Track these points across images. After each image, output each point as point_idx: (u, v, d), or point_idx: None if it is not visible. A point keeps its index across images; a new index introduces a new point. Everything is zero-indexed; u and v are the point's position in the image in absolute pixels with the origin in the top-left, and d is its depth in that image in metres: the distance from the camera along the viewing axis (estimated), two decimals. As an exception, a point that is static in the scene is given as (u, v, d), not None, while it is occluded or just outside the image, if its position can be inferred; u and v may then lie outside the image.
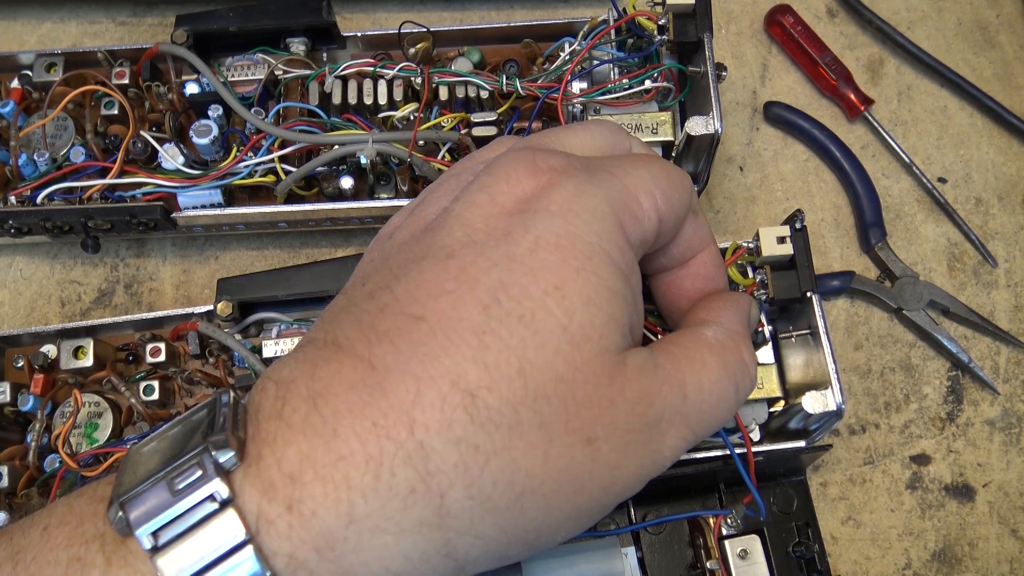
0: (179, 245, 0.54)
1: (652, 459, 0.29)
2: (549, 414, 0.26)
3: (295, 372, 0.27)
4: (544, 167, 0.29)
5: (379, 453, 0.24)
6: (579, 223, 0.28)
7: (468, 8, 0.59)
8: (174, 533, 0.24)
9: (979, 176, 0.55)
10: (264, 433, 0.25)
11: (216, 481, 0.24)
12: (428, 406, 0.25)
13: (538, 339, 0.26)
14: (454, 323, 0.26)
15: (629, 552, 0.44)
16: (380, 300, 0.28)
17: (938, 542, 0.49)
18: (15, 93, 0.50)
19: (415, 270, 0.28)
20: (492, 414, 0.25)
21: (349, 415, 0.25)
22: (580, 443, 0.26)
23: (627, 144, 0.34)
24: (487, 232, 0.28)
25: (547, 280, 0.27)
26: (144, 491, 0.24)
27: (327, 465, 0.24)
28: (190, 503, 0.24)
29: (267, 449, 0.25)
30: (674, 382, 0.29)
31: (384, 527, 0.25)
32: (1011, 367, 0.52)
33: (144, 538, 0.24)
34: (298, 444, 0.25)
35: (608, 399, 0.27)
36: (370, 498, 0.24)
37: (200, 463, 0.24)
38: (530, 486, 0.26)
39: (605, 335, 0.27)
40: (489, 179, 0.29)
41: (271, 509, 0.24)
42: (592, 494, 0.27)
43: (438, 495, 0.25)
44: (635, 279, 0.30)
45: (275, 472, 0.25)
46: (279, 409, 0.26)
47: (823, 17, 0.58)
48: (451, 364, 0.25)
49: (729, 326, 0.32)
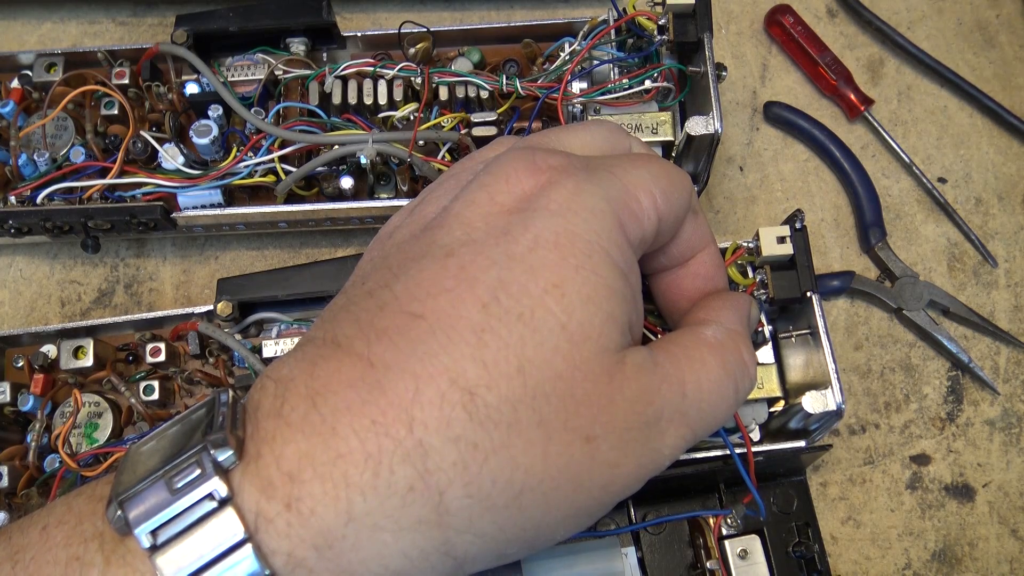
0: (179, 245, 0.54)
1: (651, 458, 0.29)
2: (548, 412, 0.26)
3: (294, 371, 0.27)
4: (544, 166, 0.29)
5: (378, 451, 0.25)
6: (578, 221, 0.28)
7: (468, 8, 0.59)
8: (173, 532, 0.24)
9: (979, 176, 0.55)
10: (263, 431, 0.26)
11: (215, 480, 0.24)
12: (427, 404, 0.25)
13: (537, 337, 0.26)
14: (453, 321, 0.26)
15: (629, 552, 0.44)
16: (379, 298, 0.28)
17: (938, 542, 0.49)
18: (15, 93, 0.50)
19: (414, 269, 0.28)
20: (491, 412, 0.25)
21: (348, 413, 0.25)
22: (579, 441, 0.26)
23: (627, 144, 0.34)
24: (486, 231, 0.28)
25: (546, 278, 0.27)
26: (143, 490, 0.24)
27: (326, 463, 0.24)
28: (189, 502, 0.24)
29: (266, 447, 0.25)
30: (673, 381, 0.29)
31: (383, 525, 0.25)
32: (1011, 367, 0.52)
33: (143, 537, 0.24)
34: (297, 442, 0.25)
35: (607, 397, 0.27)
36: (369, 496, 0.24)
37: (199, 462, 0.24)
38: (529, 484, 0.26)
39: (604, 333, 0.27)
40: (489, 178, 0.29)
41: (270, 507, 0.24)
42: (591, 492, 0.27)
43: (437, 493, 0.25)
44: (634, 278, 0.30)
45: (274, 470, 0.25)
46: (278, 407, 0.26)
47: (823, 17, 0.58)
48: (450, 362, 0.25)
49: (729, 325, 0.32)
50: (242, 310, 0.46)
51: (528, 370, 0.26)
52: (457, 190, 0.31)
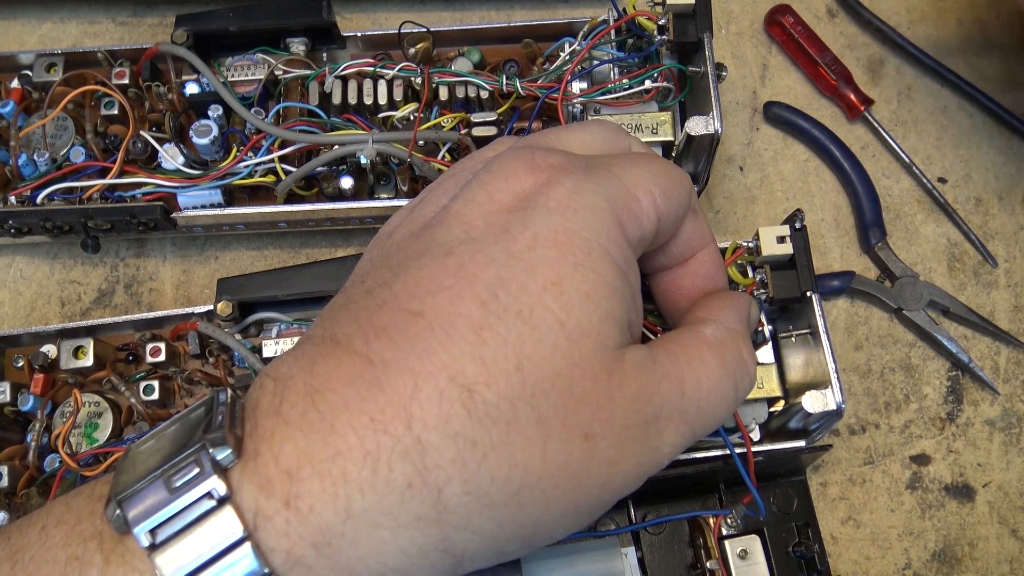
0: (179, 245, 0.54)
1: (650, 456, 0.29)
2: (547, 410, 0.26)
3: (293, 369, 0.27)
4: (543, 165, 0.29)
5: (376, 448, 0.25)
6: (577, 220, 0.28)
7: (468, 8, 0.59)
8: (172, 531, 0.24)
9: (979, 176, 0.55)
10: (261, 430, 0.26)
11: (213, 478, 0.24)
12: (425, 401, 0.25)
13: (536, 335, 0.26)
14: (452, 319, 0.26)
15: (629, 552, 0.44)
16: (379, 297, 0.28)
17: (938, 542, 0.49)
18: (15, 93, 0.50)
19: (414, 267, 0.28)
20: (489, 409, 0.25)
21: (347, 410, 0.25)
22: (578, 439, 0.26)
23: (626, 143, 0.34)
24: (485, 229, 0.28)
25: (545, 276, 0.27)
26: (141, 489, 0.24)
27: (324, 461, 0.24)
28: (187, 500, 0.24)
29: (264, 445, 0.25)
30: (673, 379, 0.29)
31: (381, 522, 0.25)
32: (1011, 367, 0.52)
33: (142, 536, 0.24)
34: (295, 440, 0.25)
35: (606, 395, 0.27)
36: (367, 493, 0.24)
37: (197, 460, 0.24)
38: (528, 482, 0.26)
39: (603, 331, 0.27)
40: (488, 177, 0.29)
41: (268, 505, 0.24)
42: (590, 490, 0.27)
43: (435, 490, 0.25)
44: (634, 276, 0.30)
45: (272, 468, 0.25)
46: (277, 405, 0.26)
47: (823, 17, 0.58)
48: (449, 359, 0.25)
49: (729, 324, 0.32)
50: (242, 310, 0.46)
51: (527, 367, 0.26)
52: (457, 189, 0.31)
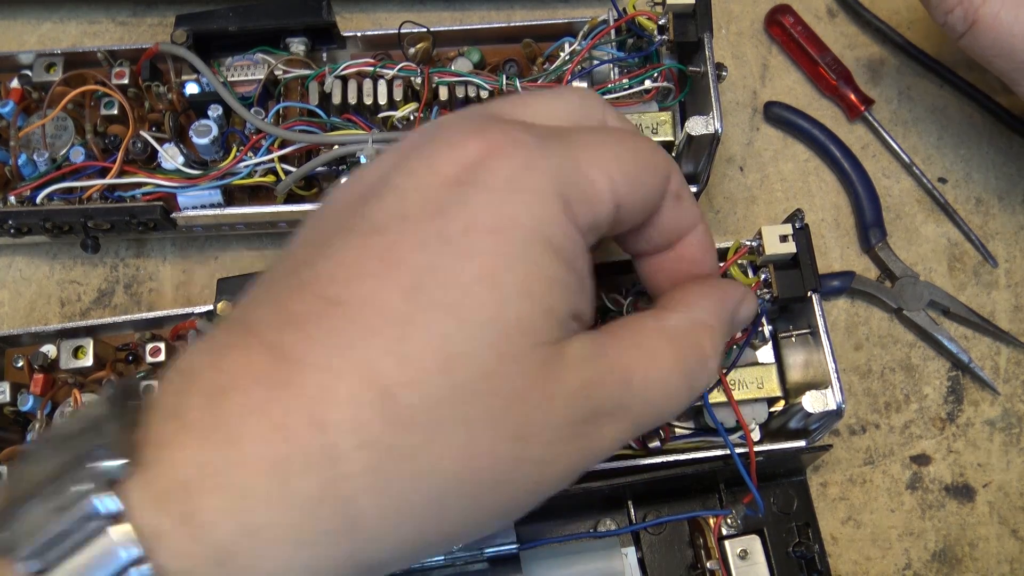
0: (179, 245, 0.54)
1: (584, 455, 0.27)
2: (473, 411, 0.24)
3: (200, 361, 0.25)
4: (493, 133, 0.26)
5: (282, 458, 0.22)
6: (519, 203, 0.25)
7: (468, 8, 0.59)
8: (58, 553, 0.22)
9: (979, 176, 0.55)
10: (159, 435, 0.23)
11: (103, 494, 0.22)
12: (339, 405, 0.23)
13: (465, 331, 0.24)
14: (373, 310, 0.24)
15: (629, 552, 0.44)
16: (300, 277, 0.25)
17: (938, 542, 0.49)
18: (15, 93, 0.50)
19: (339, 245, 0.25)
20: (410, 413, 0.23)
21: (252, 414, 0.23)
22: (507, 441, 0.25)
23: (600, 115, 0.31)
24: (421, 206, 0.25)
25: (479, 266, 0.24)
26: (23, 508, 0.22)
27: (224, 472, 0.22)
28: (73, 518, 0.21)
29: (164, 453, 0.23)
30: (619, 371, 0.27)
31: (286, 538, 0.23)
32: (1011, 367, 0.52)
33: (21, 563, 0.21)
34: (193, 448, 0.23)
35: (542, 393, 0.25)
36: (271, 508, 0.22)
37: (88, 473, 0.22)
38: (450, 487, 0.24)
39: (541, 327, 0.25)
40: (431, 146, 0.27)
41: (164, 522, 0.22)
42: (518, 492, 0.26)
43: (346, 502, 0.23)
44: (581, 263, 0.27)
45: (169, 480, 0.22)
46: (177, 406, 0.24)
47: (823, 17, 0.58)
48: (367, 356, 0.23)
49: (697, 315, 0.30)
50: (242, 310, 0.46)
51: (453, 366, 0.24)
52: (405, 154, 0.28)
